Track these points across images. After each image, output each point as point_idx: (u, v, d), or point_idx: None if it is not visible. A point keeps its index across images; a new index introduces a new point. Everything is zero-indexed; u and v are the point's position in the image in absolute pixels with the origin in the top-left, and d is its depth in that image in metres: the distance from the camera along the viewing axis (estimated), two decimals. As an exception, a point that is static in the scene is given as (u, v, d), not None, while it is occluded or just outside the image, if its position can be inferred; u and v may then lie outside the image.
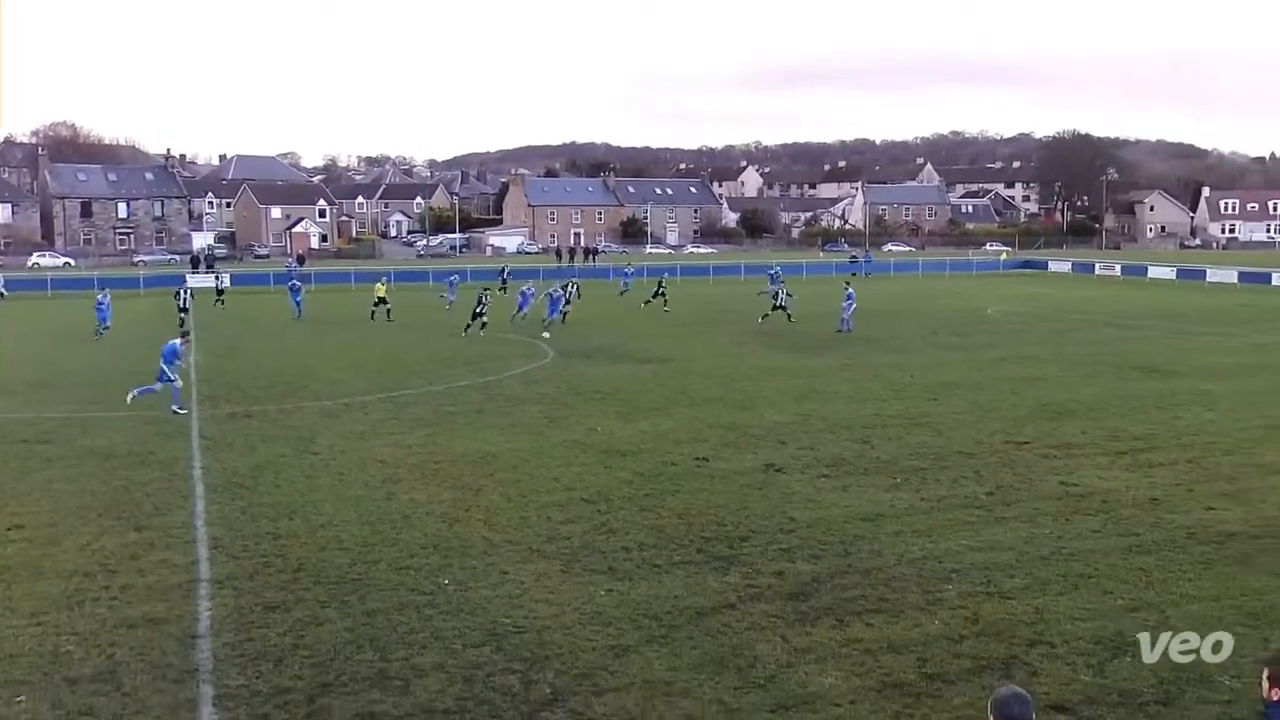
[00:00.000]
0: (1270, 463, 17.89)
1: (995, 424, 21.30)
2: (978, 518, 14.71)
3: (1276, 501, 15.43)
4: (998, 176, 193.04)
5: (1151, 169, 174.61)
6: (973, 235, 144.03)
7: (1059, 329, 40.13)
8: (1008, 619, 11.05)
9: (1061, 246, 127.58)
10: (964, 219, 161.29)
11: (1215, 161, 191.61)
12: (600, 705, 9.13)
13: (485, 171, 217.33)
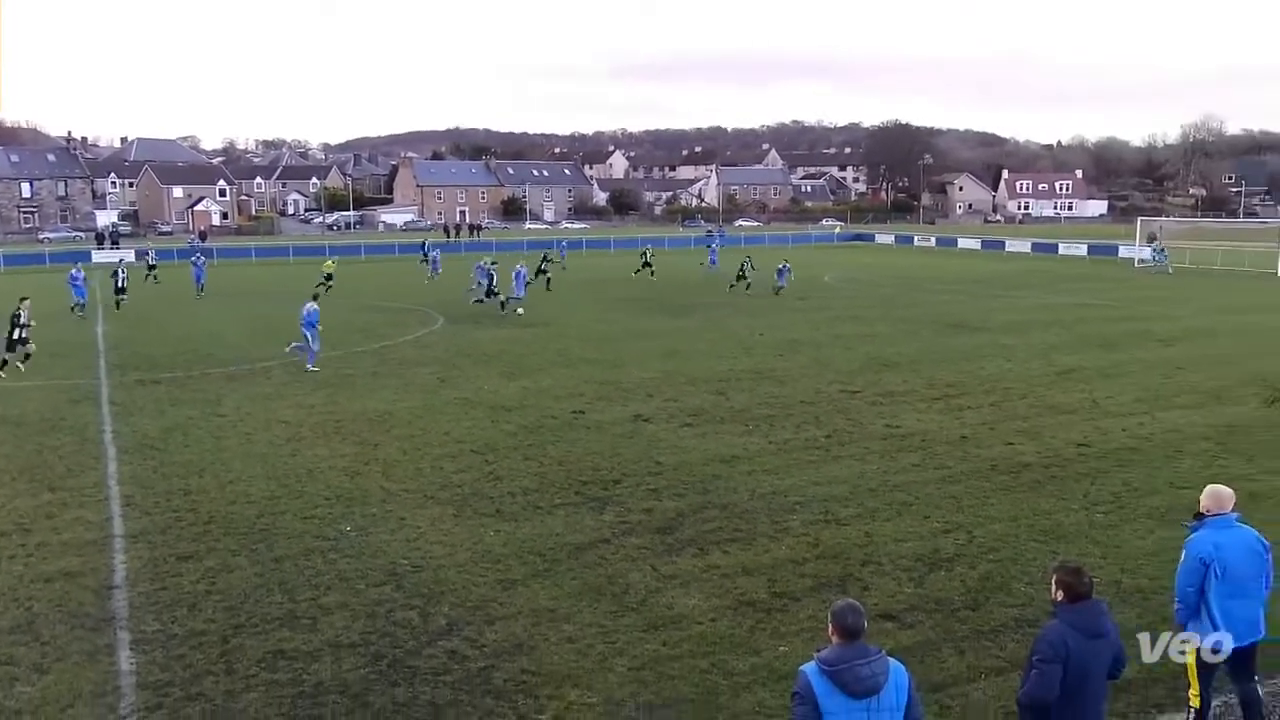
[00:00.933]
0: (1058, 404, 18.85)
1: (831, 376, 21.86)
2: (817, 457, 15.10)
3: (1064, 437, 16.28)
4: (832, 160, 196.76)
5: (960, 154, 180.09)
6: (811, 212, 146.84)
7: (885, 293, 41.32)
8: (843, 543, 11.41)
9: (886, 221, 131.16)
10: (804, 197, 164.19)
11: (1013, 148, 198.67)
12: (491, 633, 9.12)
13: (376, 154, 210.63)
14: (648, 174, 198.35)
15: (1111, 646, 5.60)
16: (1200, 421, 17.28)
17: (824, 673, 4.79)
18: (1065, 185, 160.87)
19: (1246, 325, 30.53)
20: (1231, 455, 15.05)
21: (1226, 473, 14.09)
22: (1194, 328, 29.92)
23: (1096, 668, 5.52)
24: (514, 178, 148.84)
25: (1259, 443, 15.80)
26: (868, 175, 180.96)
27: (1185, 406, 18.54)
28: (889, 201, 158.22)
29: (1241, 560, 6.86)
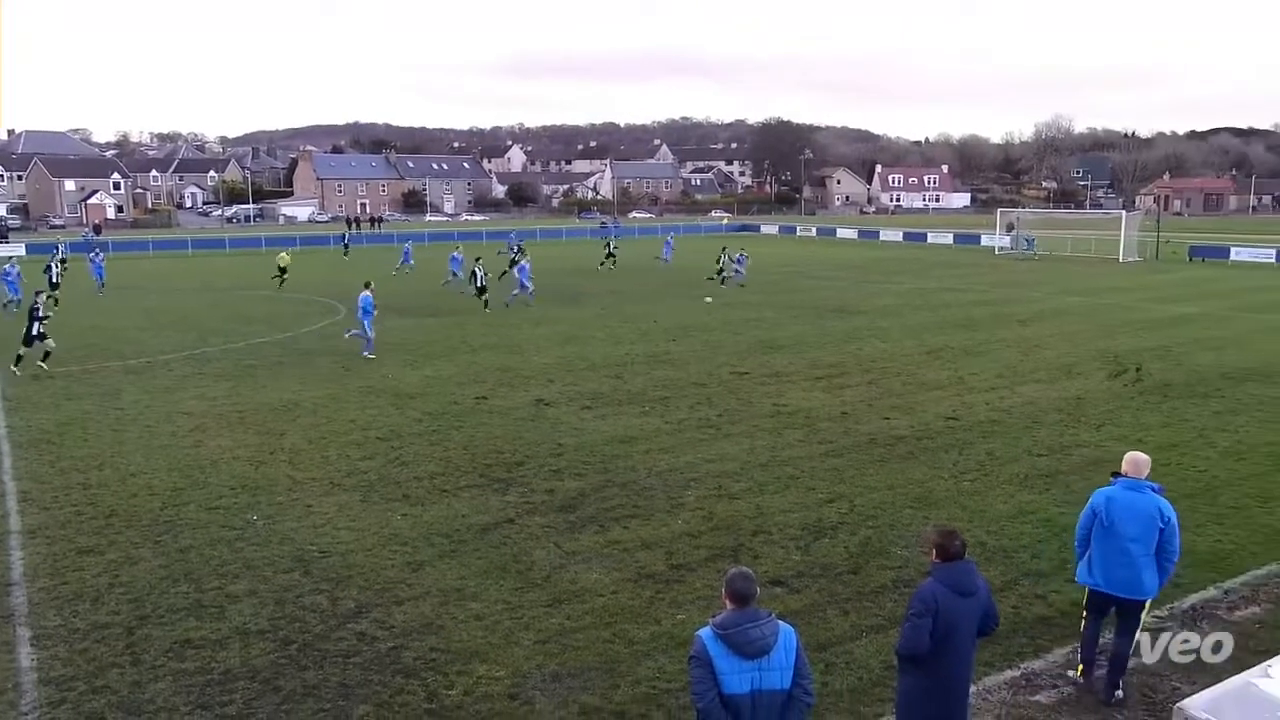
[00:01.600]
0: (929, 380, 19.51)
1: (722, 358, 22.14)
2: (710, 435, 15.28)
3: (934, 411, 16.87)
4: (720, 155, 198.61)
5: (838, 150, 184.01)
6: (701, 204, 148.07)
7: (770, 280, 41.99)
8: (735, 515, 11.60)
9: (770, 213, 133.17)
10: (694, 190, 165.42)
11: (885, 144, 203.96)
12: (400, 613, 8.98)
13: (275, 147, 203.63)
14: (545, 168, 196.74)
15: (981, 604, 5.81)
16: (1054, 395, 18.12)
17: (718, 636, 4.88)
18: (933, 179, 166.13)
19: (1093, 306, 32.12)
20: (1081, 425, 15.84)
21: (1077, 440, 14.86)
22: (1047, 309, 31.33)
23: (965, 623, 5.73)
24: (414, 171, 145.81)
25: (1104, 412, 16.67)
26: (753, 169, 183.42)
27: (1040, 381, 19.41)
28: (773, 194, 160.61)
29: (1127, 519, 7.21)
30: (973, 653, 5.90)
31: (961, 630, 5.73)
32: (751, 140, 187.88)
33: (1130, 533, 7.24)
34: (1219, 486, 12.56)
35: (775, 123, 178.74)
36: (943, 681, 5.77)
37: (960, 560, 5.82)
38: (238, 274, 44.03)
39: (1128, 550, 7.26)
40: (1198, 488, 12.48)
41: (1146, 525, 7.20)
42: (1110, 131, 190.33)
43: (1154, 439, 14.88)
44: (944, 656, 5.72)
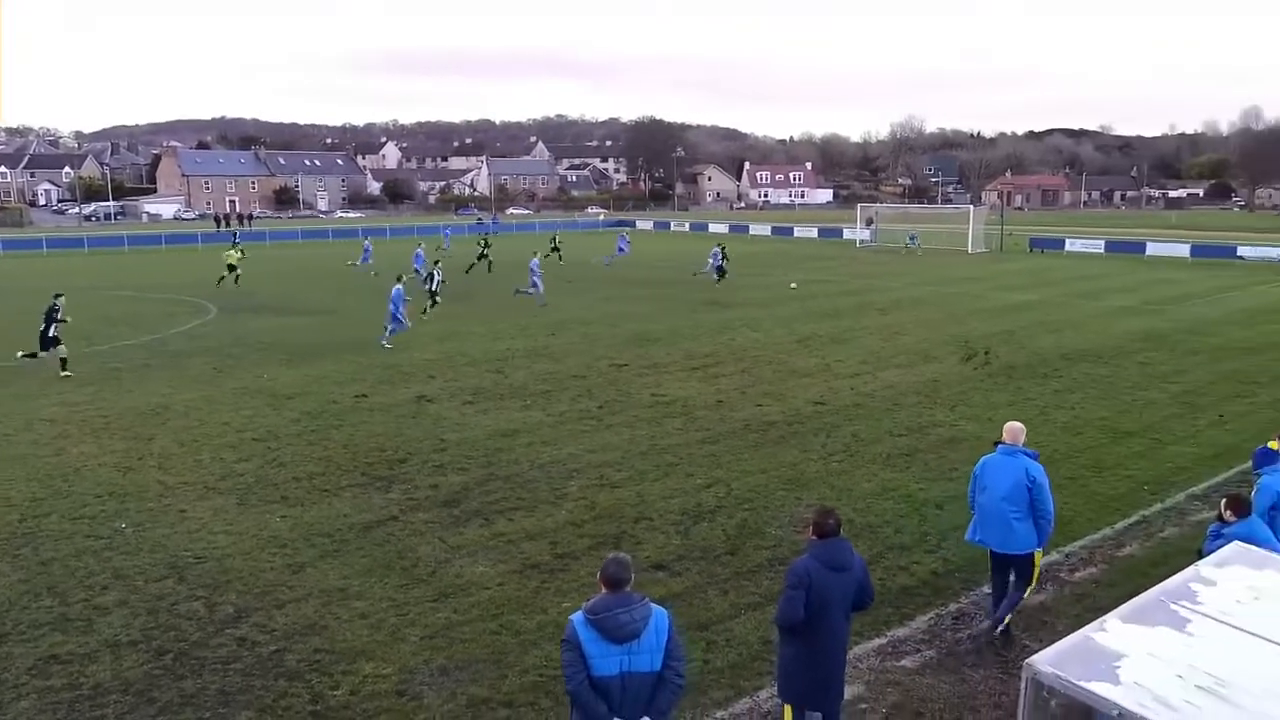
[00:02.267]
0: (799, 368, 20.05)
1: (601, 351, 22.20)
2: (591, 427, 15.31)
3: (803, 397, 17.36)
4: (595, 153, 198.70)
5: (709, 148, 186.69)
6: (577, 200, 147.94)
7: (645, 275, 42.29)
8: (617, 504, 11.66)
9: (645, 209, 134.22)
10: (570, 187, 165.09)
11: (753, 142, 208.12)
12: (282, 616, 8.67)
13: (136, 143, 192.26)
14: (420, 164, 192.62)
15: (855, 579, 5.99)
16: (912, 378, 18.91)
17: (588, 621, 4.92)
18: (798, 176, 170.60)
19: (945, 295, 33.65)
20: (937, 406, 16.59)
21: (933, 420, 15.55)
22: (905, 298, 32.64)
23: (838, 596, 5.92)
24: (285, 168, 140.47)
25: (957, 394, 17.51)
26: (627, 166, 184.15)
27: (900, 366, 20.23)
28: (647, 191, 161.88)
29: (999, 481, 7.92)
30: (847, 625, 6.10)
31: (834, 603, 5.92)
32: (625, 138, 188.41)
33: (1001, 492, 7.89)
34: (1059, 459, 13.35)
35: (648, 121, 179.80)
36: (818, 650, 5.97)
37: (834, 537, 6.01)
38: (98, 274, 41.48)
39: (1000, 509, 7.90)
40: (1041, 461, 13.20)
41: (1015, 486, 7.85)
42: (958, 132, 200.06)
43: (1002, 417, 15.65)
44: (818, 627, 5.91)
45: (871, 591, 6.18)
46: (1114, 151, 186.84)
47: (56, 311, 20.36)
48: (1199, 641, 4.51)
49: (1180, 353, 21.83)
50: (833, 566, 5.93)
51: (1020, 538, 7.90)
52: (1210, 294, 34.02)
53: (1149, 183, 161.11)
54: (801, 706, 6.14)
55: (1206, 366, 20.17)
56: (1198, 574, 5.27)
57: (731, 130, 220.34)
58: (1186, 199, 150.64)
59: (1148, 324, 26.39)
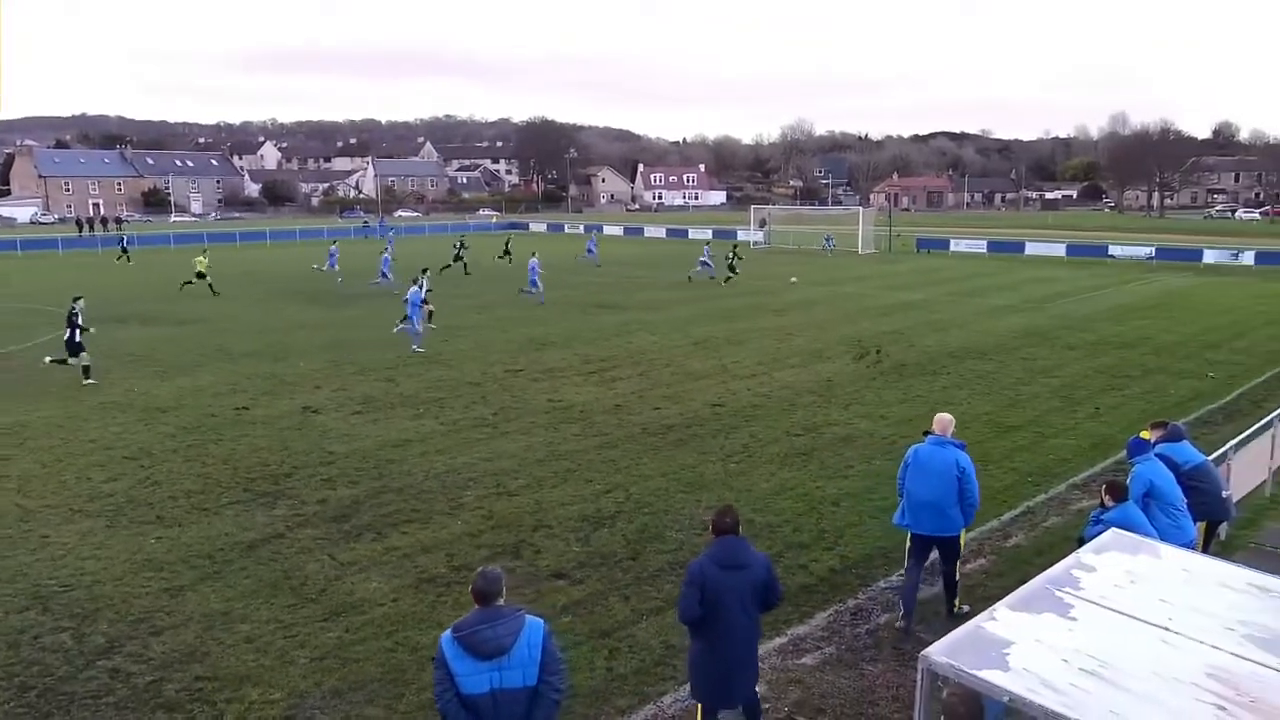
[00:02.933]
0: (695, 370, 20.28)
1: (495, 357, 21.99)
2: (487, 434, 15.15)
3: (701, 399, 17.57)
4: (486, 154, 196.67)
5: (602, 149, 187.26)
6: (469, 203, 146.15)
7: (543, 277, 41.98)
8: (515, 512, 11.57)
9: (538, 211, 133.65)
10: (461, 189, 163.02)
11: (646, 144, 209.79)
12: (159, 644, 8.28)
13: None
14: (302, 165, 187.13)
15: (754, 577, 6.08)
16: (807, 378, 19.36)
17: (455, 638, 4.88)
18: (691, 178, 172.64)
19: (837, 295, 34.59)
20: (831, 405, 17.03)
21: (828, 419, 15.95)
22: (799, 299, 33.40)
23: (733, 594, 6.02)
24: (155, 168, 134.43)
25: (851, 392, 18.01)
26: (519, 168, 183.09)
27: (795, 366, 20.69)
28: (540, 192, 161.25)
29: (930, 469, 8.39)
30: (750, 623, 6.17)
31: (729, 601, 6.02)
32: (517, 139, 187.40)
33: (932, 481, 8.39)
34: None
35: (540, 121, 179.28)
36: (719, 646, 6.09)
37: (729, 536, 6.12)
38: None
39: (931, 496, 8.38)
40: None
41: (945, 475, 8.35)
42: (847, 134, 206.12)
43: (894, 414, 16.25)
44: (715, 624, 6.04)
45: (778, 591, 6.27)
46: (994, 154, 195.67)
47: (76, 316, 19.86)
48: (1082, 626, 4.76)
49: (1059, 348, 22.99)
50: (726, 565, 6.03)
51: (950, 522, 8.45)
52: (1085, 292, 35.94)
53: (1027, 185, 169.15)
54: (710, 706, 6.27)
55: (1083, 361, 21.30)
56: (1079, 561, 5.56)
57: (625, 131, 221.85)
58: (1061, 200, 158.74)
59: (1028, 321, 27.70)
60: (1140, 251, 52.11)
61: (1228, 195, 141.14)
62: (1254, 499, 11.86)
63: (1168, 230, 78.41)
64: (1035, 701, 4.10)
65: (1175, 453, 8.81)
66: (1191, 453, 8.99)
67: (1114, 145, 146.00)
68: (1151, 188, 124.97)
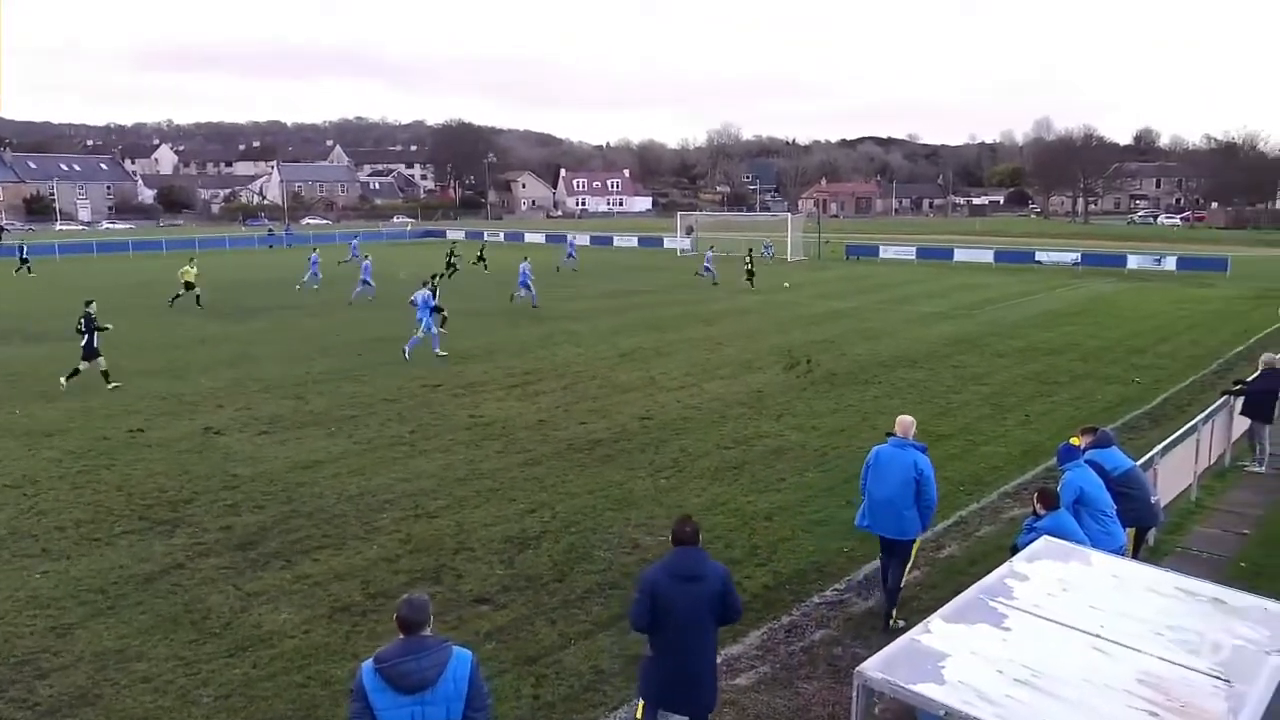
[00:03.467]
0: (622, 383, 20.32)
1: (412, 371, 21.70)
2: (404, 453, 14.95)
3: (629, 412, 17.60)
4: (399, 158, 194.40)
5: (522, 153, 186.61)
6: (382, 209, 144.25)
7: (459, 287, 41.68)
8: (435, 535, 11.42)
9: (456, 218, 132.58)
10: (373, 195, 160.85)
11: (569, 148, 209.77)
12: (45, 688, 7.94)
13: None
14: (201, 170, 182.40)
15: (709, 590, 6.11)
16: (738, 389, 19.56)
17: (376, 669, 4.79)
18: (616, 183, 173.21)
19: (767, 303, 35.04)
20: (762, 417, 17.23)
21: (759, 431, 16.13)
22: (728, 308, 33.75)
23: (685, 606, 6.07)
24: (37, 173, 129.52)
25: (782, 403, 18.25)
26: (436, 173, 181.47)
27: (725, 377, 20.88)
28: (458, 199, 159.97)
29: (890, 471, 8.81)
30: (704, 636, 6.22)
31: (680, 613, 6.07)
32: (432, 142, 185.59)
33: (893, 483, 8.78)
34: (881, 464, 14.13)
35: (456, 124, 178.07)
36: (669, 658, 6.18)
37: (686, 546, 6.19)
38: None
39: (891, 498, 8.78)
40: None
41: (905, 477, 8.75)
42: (775, 139, 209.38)
43: (825, 425, 16.52)
44: (666, 635, 6.13)
45: (736, 604, 6.31)
46: (921, 160, 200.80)
47: (93, 320, 20.30)
48: (1015, 636, 4.90)
49: (989, 355, 23.66)
50: (680, 576, 6.09)
51: (908, 524, 8.81)
52: (1014, 298, 37.07)
53: (954, 190, 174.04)
54: (653, 705, 6.36)
55: (1013, 368, 21.95)
56: (1012, 570, 5.72)
57: (546, 135, 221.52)
58: (989, 206, 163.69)
59: (958, 328, 28.45)
60: (1066, 257, 54.00)
61: (1150, 201, 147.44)
62: (1180, 504, 12.37)
63: (1093, 236, 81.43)
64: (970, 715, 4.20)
65: (1104, 459, 9.14)
66: (1120, 459, 9.34)
67: (1039, 150, 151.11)
68: (1076, 193, 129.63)
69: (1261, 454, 14.12)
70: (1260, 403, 14.05)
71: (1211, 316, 31.54)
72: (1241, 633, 4.98)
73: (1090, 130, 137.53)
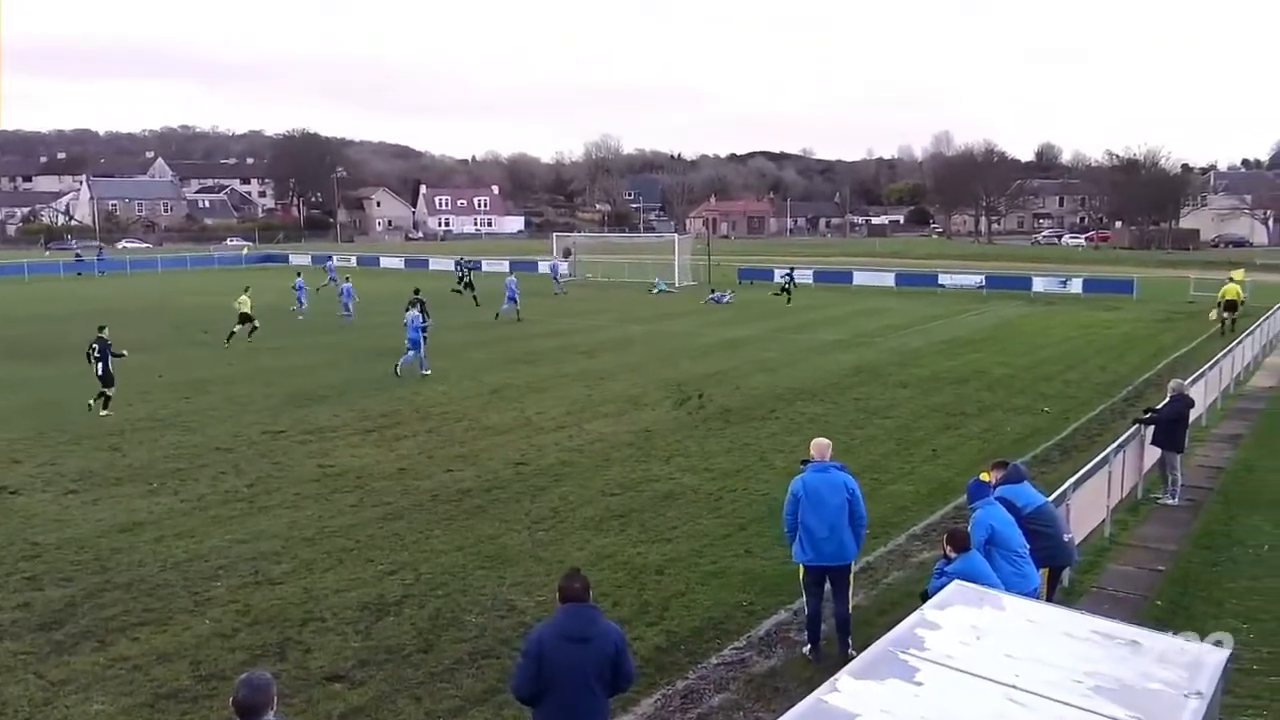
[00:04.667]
0: (493, 424, 20.16)
1: (251, 416, 21.08)
2: (241, 511, 14.49)
3: (501, 457, 17.46)
4: (233, 172, 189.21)
5: (376, 167, 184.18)
6: (213, 231, 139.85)
7: (306, 320, 40.67)
8: (279, 604, 11.07)
9: (301, 240, 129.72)
10: (202, 214, 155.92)
11: (429, 162, 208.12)
12: None
13: None
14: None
15: (600, 653, 6.14)
16: (623, 429, 19.64)
17: None
18: (484, 201, 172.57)
19: (654, 333, 35.39)
20: (651, 458, 17.33)
21: (648, 475, 16.23)
22: (611, 339, 33.93)
23: (575, 670, 6.06)
24: None
25: (673, 443, 18.41)
26: (276, 189, 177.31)
27: (609, 415, 20.95)
28: (302, 218, 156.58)
29: (825, 495, 9.36)
30: (594, 702, 6.20)
31: (567, 678, 6.06)
32: (272, 155, 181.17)
33: (832, 508, 9.38)
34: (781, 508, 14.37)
35: (300, 135, 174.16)
36: None
37: (577, 604, 6.21)
38: None
39: (832, 523, 9.34)
40: (762, 511, 14.19)
41: (839, 499, 9.40)
42: (659, 153, 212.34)
43: (720, 466, 16.72)
44: (553, 701, 6.08)
45: (629, 669, 6.34)
46: (816, 176, 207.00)
47: (108, 345, 21.90)
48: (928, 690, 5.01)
49: (892, 385, 24.42)
50: (569, 637, 6.09)
51: (848, 549, 9.37)
52: (917, 324, 38.43)
53: (852, 209, 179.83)
54: None
55: (918, 399, 22.71)
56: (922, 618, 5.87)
57: (403, 147, 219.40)
58: (889, 225, 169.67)
59: (860, 357, 29.29)
60: (970, 280, 56.33)
61: (1053, 220, 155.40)
62: (1094, 540, 12.97)
63: (997, 257, 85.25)
64: (883, 779, 4.26)
65: (1016, 495, 9.51)
66: (1032, 494, 9.75)
67: (939, 166, 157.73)
68: (979, 212, 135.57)
69: (1174, 485, 14.94)
70: (1170, 431, 14.88)
71: (1120, 341, 33.35)
72: (1160, 676, 5.22)
73: (991, 145, 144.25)
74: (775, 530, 13.42)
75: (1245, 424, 20.40)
